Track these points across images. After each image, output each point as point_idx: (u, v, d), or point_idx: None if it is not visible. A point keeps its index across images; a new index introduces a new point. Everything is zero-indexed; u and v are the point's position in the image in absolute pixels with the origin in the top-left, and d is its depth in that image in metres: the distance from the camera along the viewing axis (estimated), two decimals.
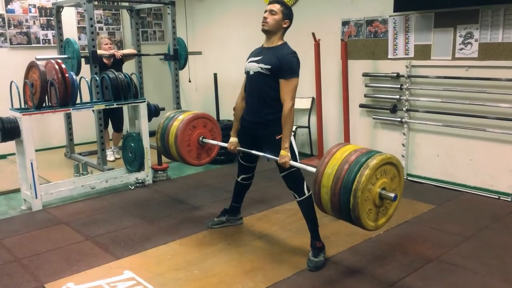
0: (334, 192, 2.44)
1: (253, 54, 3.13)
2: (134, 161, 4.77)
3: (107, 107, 4.54)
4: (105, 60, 5.39)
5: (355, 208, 2.37)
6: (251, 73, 3.05)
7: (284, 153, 2.89)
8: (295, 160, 2.97)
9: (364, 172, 2.36)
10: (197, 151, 3.59)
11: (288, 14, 3.02)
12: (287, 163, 2.89)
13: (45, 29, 6.21)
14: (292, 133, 3.10)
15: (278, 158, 2.91)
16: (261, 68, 2.97)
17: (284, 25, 3.02)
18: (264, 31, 3.04)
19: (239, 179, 3.46)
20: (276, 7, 2.99)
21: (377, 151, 2.53)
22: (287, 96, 2.91)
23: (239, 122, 3.27)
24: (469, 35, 4.13)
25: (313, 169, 2.63)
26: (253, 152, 3.16)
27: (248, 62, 3.10)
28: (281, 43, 3.04)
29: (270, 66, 2.93)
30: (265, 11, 3.02)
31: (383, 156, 2.46)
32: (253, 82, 3.06)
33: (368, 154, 2.47)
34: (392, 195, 2.44)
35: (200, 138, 3.55)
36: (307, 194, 3.00)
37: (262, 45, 3.12)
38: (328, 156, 2.54)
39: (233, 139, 3.30)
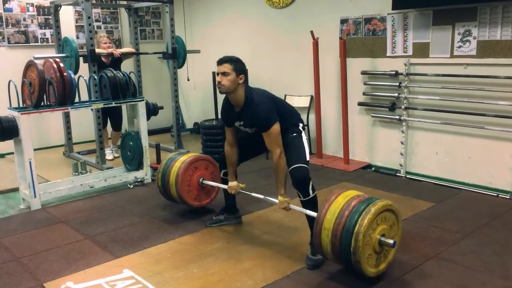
0: (336, 234, 2.51)
1: (232, 116, 3.16)
2: (133, 159, 4.77)
3: (106, 106, 4.54)
4: (103, 59, 5.38)
5: (356, 252, 2.44)
6: (250, 132, 3.17)
7: (282, 199, 3.03)
8: (306, 154, 3.05)
9: (366, 216, 2.46)
10: (197, 192, 3.71)
11: (241, 69, 3.03)
12: (287, 208, 3.03)
13: (43, 28, 6.20)
14: (303, 129, 3.18)
15: (277, 202, 3.05)
16: (250, 130, 3.13)
17: (240, 81, 3.03)
18: (222, 93, 3.10)
19: (223, 175, 3.50)
20: (227, 67, 2.99)
21: (377, 198, 2.64)
22: (272, 146, 2.99)
23: (234, 166, 3.34)
24: (467, 33, 4.13)
25: (314, 214, 2.76)
26: (253, 194, 3.29)
27: (236, 124, 3.17)
28: (245, 99, 3.05)
29: (256, 127, 3.07)
30: (217, 74, 3.03)
31: (384, 203, 2.57)
32: (258, 135, 3.10)
33: (369, 200, 2.58)
34: (391, 241, 2.54)
35: (201, 180, 3.63)
36: (311, 194, 3.00)
37: (232, 104, 3.13)
38: (329, 202, 2.63)
39: (233, 183, 3.37)
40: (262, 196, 3.18)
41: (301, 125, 3.22)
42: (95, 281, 2.84)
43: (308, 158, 3.07)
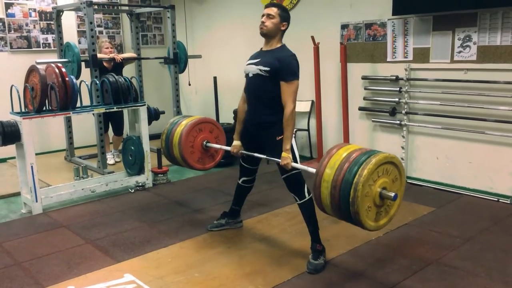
0: (335, 185, 2.44)
1: (252, 57, 3.14)
2: (134, 164, 4.78)
3: (107, 110, 4.55)
4: (105, 64, 5.41)
5: (355, 202, 2.36)
6: (250, 75, 3.07)
7: (286, 155, 2.90)
8: (296, 162, 2.97)
9: (366, 166, 2.38)
10: (200, 154, 3.60)
11: (285, 17, 3.03)
12: (288, 164, 2.89)
13: (45, 33, 6.23)
14: (293, 135, 3.12)
15: (279, 160, 2.92)
16: (260, 70, 2.98)
17: (282, 28, 3.03)
18: (262, 34, 3.06)
19: (240, 182, 3.47)
20: (273, 10, 3.00)
21: (380, 151, 2.57)
22: (288, 98, 2.91)
23: (242, 125, 3.27)
24: (467, 38, 4.15)
25: (314, 170, 2.64)
26: (255, 154, 3.17)
27: (247, 65, 3.11)
28: (280, 45, 3.06)
29: (269, 68, 2.94)
30: (262, 15, 3.04)
31: (386, 154, 2.49)
32: (252, 84, 3.08)
33: (371, 152, 2.51)
34: (392, 194, 2.45)
35: (204, 142, 3.57)
36: (307, 197, 3.00)
37: (261, 49, 3.13)
38: (331, 153, 2.56)
39: (236, 142, 3.30)
40: (263, 156, 3.12)
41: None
42: (96, 285, 2.84)
43: (298, 161, 3.02)
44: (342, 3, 5.10)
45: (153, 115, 5.03)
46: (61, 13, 5.66)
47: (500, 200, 4.10)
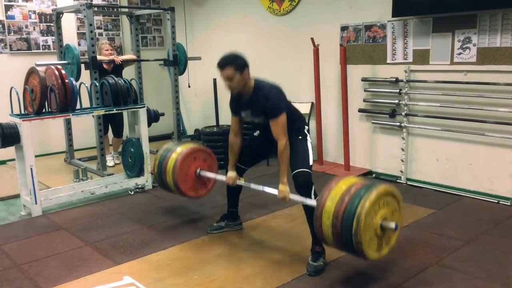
0: (337, 215, 2.48)
1: (240, 105, 3.17)
2: (134, 166, 4.78)
3: (107, 112, 4.55)
4: (105, 66, 5.41)
5: (358, 233, 2.41)
6: (256, 121, 3.16)
7: (283, 188, 2.97)
8: (309, 163, 3.03)
9: (368, 198, 2.44)
10: (193, 182, 3.62)
11: (242, 65, 2.99)
12: (286, 197, 2.98)
13: (45, 35, 6.23)
14: (308, 134, 3.16)
15: (277, 192, 3.00)
16: (260, 119, 3.09)
17: (246, 76, 3.02)
18: (235, 94, 3.12)
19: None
20: (229, 71, 2.96)
21: (379, 183, 2.64)
22: (279, 134, 2.96)
23: (236, 156, 3.31)
24: (467, 40, 4.15)
25: (314, 202, 2.74)
26: (252, 186, 3.24)
27: (243, 114, 3.18)
28: (253, 87, 3.05)
29: (263, 115, 3.03)
30: (223, 79, 3.03)
31: (385, 186, 2.56)
32: (264, 126, 3.10)
33: (372, 184, 2.58)
34: (393, 225, 2.52)
35: (198, 170, 3.58)
36: (314, 199, 3.00)
37: (240, 95, 3.13)
38: (331, 187, 2.61)
39: (232, 173, 3.32)
40: (261, 187, 3.14)
41: (306, 128, 3.21)
42: (95, 287, 2.83)
43: (311, 163, 3.06)
44: (342, 5, 5.11)
45: (153, 117, 5.03)
46: (61, 15, 5.67)
47: (500, 202, 4.09)
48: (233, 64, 2.96)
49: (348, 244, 2.48)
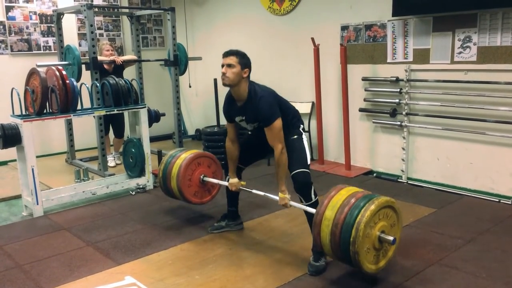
0: (337, 223, 2.50)
1: (234, 110, 3.16)
2: (135, 166, 4.78)
3: (108, 113, 4.56)
4: (105, 66, 5.42)
5: (356, 242, 2.42)
6: (250, 128, 3.17)
7: (282, 196, 3.00)
8: (306, 161, 3.03)
9: (369, 208, 2.46)
10: (197, 188, 3.66)
11: (246, 63, 3.01)
12: (287, 204, 3.00)
13: (45, 35, 6.24)
14: (304, 132, 3.17)
15: (278, 199, 3.03)
16: (254, 125, 3.10)
17: (244, 75, 3.02)
18: (225, 86, 3.06)
19: (227, 181, 3.48)
20: (233, 59, 2.98)
21: (378, 195, 2.65)
22: (274, 141, 2.96)
23: (235, 162, 3.32)
24: (467, 39, 4.15)
25: (313, 210, 2.73)
26: (253, 191, 3.25)
27: (237, 119, 3.17)
28: (248, 93, 3.04)
29: (258, 122, 3.04)
30: (222, 65, 3.01)
31: (386, 198, 2.58)
32: (258, 131, 3.10)
33: (373, 195, 2.60)
34: (391, 238, 2.54)
35: (202, 177, 3.61)
36: (313, 199, 3.01)
37: (234, 99, 3.13)
38: (331, 195, 2.64)
39: (234, 180, 3.34)
40: (262, 193, 3.16)
41: (301, 126, 3.21)
42: (97, 287, 2.85)
43: (309, 162, 3.06)
44: (342, 5, 5.11)
45: (154, 117, 5.04)
46: (62, 16, 5.68)
47: (501, 201, 4.09)
48: (239, 56, 3.01)
49: (345, 253, 2.50)
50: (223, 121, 6.08)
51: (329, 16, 5.26)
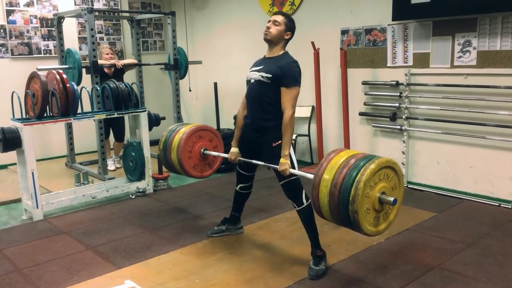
0: (336, 183, 2.44)
1: (256, 64, 3.17)
2: (135, 170, 4.78)
3: (108, 116, 4.56)
4: (106, 70, 5.42)
5: (355, 200, 2.36)
6: (252, 81, 3.10)
7: (284, 161, 2.91)
8: (294, 169, 2.97)
9: (369, 167, 2.41)
10: (197, 161, 3.62)
11: (290, 27, 3.07)
12: (287, 170, 2.90)
13: (46, 39, 6.25)
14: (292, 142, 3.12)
15: (277, 166, 2.93)
16: (262, 76, 3.01)
17: (286, 37, 3.06)
18: (266, 40, 3.08)
19: (237, 188, 3.47)
20: (280, 18, 3.04)
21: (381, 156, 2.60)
22: (288, 104, 2.94)
23: (240, 131, 3.29)
24: (467, 43, 4.16)
25: (312, 175, 2.65)
26: (253, 161, 3.18)
27: (250, 71, 3.15)
28: (282, 52, 3.08)
29: (271, 75, 2.97)
30: (269, 21, 3.07)
31: (387, 159, 2.54)
32: (253, 90, 3.10)
33: (373, 156, 2.56)
34: (392, 199, 2.47)
35: (202, 150, 3.58)
36: (305, 203, 3.00)
37: (264, 56, 3.16)
38: (329, 158, 2.58)
39: (234, 149, 3.31)
40: (261, 163, 3.12)
41: None
42: None
43: (296, 167, 3.03)
44: (342, 9, 5.12)
45: (154, 121, 5.04)
46: (62, 20, 5.69)
47: (501, 205, 4.09)
48: (287, 19, 3.07)
49: (344, 213, 2.43)
50: (223, 125, 6.14)
51: (329, 20, 5.27)
